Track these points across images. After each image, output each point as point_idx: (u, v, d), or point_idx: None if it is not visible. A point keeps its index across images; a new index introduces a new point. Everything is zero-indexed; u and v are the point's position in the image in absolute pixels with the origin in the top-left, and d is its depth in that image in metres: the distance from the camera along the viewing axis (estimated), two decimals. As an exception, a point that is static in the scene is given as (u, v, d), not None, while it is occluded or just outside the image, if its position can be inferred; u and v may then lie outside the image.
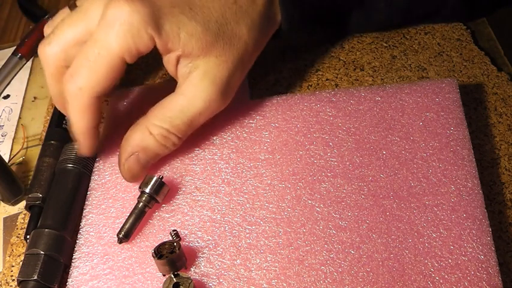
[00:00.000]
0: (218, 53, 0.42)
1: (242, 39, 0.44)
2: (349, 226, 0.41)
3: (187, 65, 0.43)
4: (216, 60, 0.43)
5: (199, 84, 0.42)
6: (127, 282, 0.41)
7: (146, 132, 0.43)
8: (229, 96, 0.45)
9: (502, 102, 0.50)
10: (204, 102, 0.43)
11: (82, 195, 0.47)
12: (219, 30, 0.42)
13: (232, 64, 0.43)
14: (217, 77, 0.43)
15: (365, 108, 0.47)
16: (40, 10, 0.71)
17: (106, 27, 0.40)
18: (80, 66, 0.41)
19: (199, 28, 0.41)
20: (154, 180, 0.43)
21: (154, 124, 0.43)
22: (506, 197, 0.44)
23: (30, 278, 0.42)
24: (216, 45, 0.42)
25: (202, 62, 0.42)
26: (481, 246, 0.39)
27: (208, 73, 0.42)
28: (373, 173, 0.43)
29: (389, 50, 0.55)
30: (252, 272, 0.40)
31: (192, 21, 0.41)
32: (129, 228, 0.42)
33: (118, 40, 0.40)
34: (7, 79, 0.63)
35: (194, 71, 0.42)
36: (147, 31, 0.40)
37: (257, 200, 0.43)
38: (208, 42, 0.42)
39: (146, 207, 0.43)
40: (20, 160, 0.56)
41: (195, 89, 0.43)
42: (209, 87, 0.43)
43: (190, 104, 0.43)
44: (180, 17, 0.41)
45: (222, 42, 0.43)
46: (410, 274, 0.38)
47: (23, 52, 0.64)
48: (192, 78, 0.42)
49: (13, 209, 0.52)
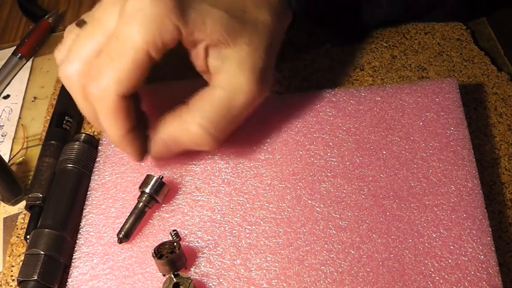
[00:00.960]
0: (247, 41, 0.40)
1: (267, 25, 0.41)
2: (349, 226, 0.41)
3: (218, 55, 0.40)
4: (248, 49, 0.40)
5: (238, 74, 0.40)
6: (127, 282, 0.41)
7: (183, 126, 0.41)
8: (267, 85, 0.42)
9: (502, 102, 0.50)
10: (247, 94, 0.40)
11: (82, 195, 0.47)
12: (243, 17, 0.40)
13: (263, 52, 0.41)
14: (254, 65, 0.40)
15: (365, 108, 0.47)
16: (40, 10, 0.71)
17: (127, 20, 0.37)
18: (101, 66, 0.38)
19: (224, 14, 0.39)
20: (154, 180, 0.43)
21: (193, 119, 0.40)
22: (506, 197, 0.44)
23: (30, 278, 0.42)
24: (244, 33, 0.40)
25: (234, 51, 0.40)
26: (481, 246, 0.39)
27: (244, 62, 0.40)
28: (373, 173, 0.43)
29: (389, 50, 0.55)
30: (252, 272, 0.40)
31: (216, 8, 0.39)
32: (129, 228, 0.42)
33: (142, 32, 0.37)
34: (7, 79, 0.63)
35: (227, 62, 0.40)
36: (172, 20, 0.37)
37: (257, 200, 0.43)
38: (236, 29, 0.40)
39: (146, 207, 0.43)
40: (20, 160, 0.56)
41: (235, 80, 0.40)
42: (249, 77, 0.40)
43: (232, 98, 0.40)
44: (203, 5, 0.39)
45: (250, 29, 0.40)
46: (410, 274, 0.38)
47: (23, 52, 0.64)
48: (228, 68, 0.40)
49: (13, 209, 0.52)
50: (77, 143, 0.49)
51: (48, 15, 0.68)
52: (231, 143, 0.46)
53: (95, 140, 0.50)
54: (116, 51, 0.38)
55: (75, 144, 0.49)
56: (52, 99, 0.60)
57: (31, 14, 0.71)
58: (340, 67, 0.55)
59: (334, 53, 0.56)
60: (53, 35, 0.68)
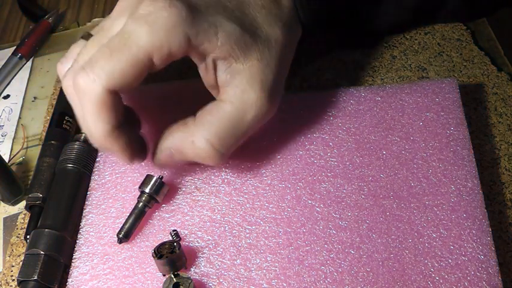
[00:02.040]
0: (259, 56, 0.39)
1: (279, 42, 0.41)
2: (349, 226, 0.41)
3: (227, 69, 0.39)
4: (259, 64, 0.39)
5: (249, 89, 0.39)
6: (127, 282, 0.41)
7: (189, 139, 0.39)
8: (277, 102, 0.41)
9: (502, 102, 0.50)
10: (257, 111, 0.39)
11: (82, 195, 0.47)
12: (255, 33, 0.40)
13: (275, 67, 0.40)
14: (264, 82, 0.39)
15: (365, 108, 0.47)
16: (40, 10, 0.71)
17: (138, 21, 0.36)
18: (97, 56, 0.36)
19: (237, 28, 0.38)
20: (154, 180, 0.43)
21: (199, 133, 0.39)
22: (506, 197, 0.44)
23: (30, 278, 0.42)
24: (255, 48, 0.39)
25: (244, 66, 0.39)
26: (481, 246, 0.39)
27: (255, 78, 0.39)
28: (373, 173, 0.43)
29: (389, 50, 0.55)
30: (252, 272, 0.40)
31: (229, 21, 0.38)
32: (129, 228, 0.42)
33: (150, 34, 0.35)
34: (7, 79, 0.63)
35: (238, 76, 0.39)
36: (183, 29, 0.36)
37: (257, 200, 0.43)
38: (248, 43, 0.39)
39: (146, 207, 0.43)
40: (20, 160, 0.56)
41: (245, 96, 0.39)
42: (260, 93, 0.39)
43: (241, 114, 0.39)
44: (217, 17, 0.38)
45: (261, 44, 0.40)
46: (410, 274, 0.38)
47: (23, 52, 0.64)
48: (238, 83, 0.39)
49: (13, 209, 0.52)
50: (77, 143, 0.49)
51: (48, 15, 0.68)
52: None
53: (95, 140, 0.50)
54: (116, 45, 0.36)
55: (75, 144, 0.49)
56: (52, 99, 0.60)
57: (31, 14, 0.71)
58: (340, 67, 0.55)
59: (334, 53, 0.56)
60: (53, 35, 0.68)
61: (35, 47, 0.66)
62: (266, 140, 0.46)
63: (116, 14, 0.39)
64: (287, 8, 0.43)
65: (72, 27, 0.69)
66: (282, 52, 0.41)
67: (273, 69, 0.40)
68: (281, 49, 0.41)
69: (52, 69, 0.64)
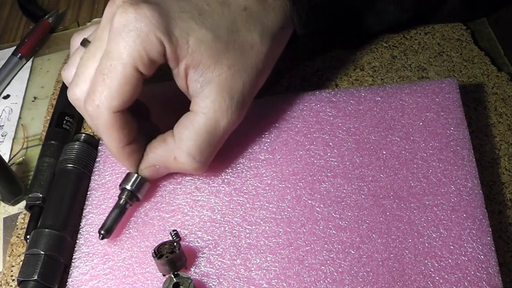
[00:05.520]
0: (230, 63, 0.40)
1: (255, 48, 0.41)
2: (349, 226, 0.41)
3: (198, 79, 0.40)
4: (229, 71, 0.40)
5: (219, 100, 0.40)
6: (127, 282, 0.41)
7: (171, 155, 0.41)
8: (245, 108, 0.43)
9: (502, 102, 0.50)
10: (228, 120, 0.41)
11: (82, 195, 0.47)
12: (229, 38, 0.40)
13: (246, 74, 0.41)
14: (233, 90, 0.41)
15: (365, 108, 0.47)
16: (40, 10, 0.71)
17: (114, 36, 0.38)
18: (95, 83, 0.39)
19: (209, 35, 0.39)
20: (135, 178, 0.43)
21: (180, 149, 0.41)
22: (506, 197, 0.44)
23: (30, 278, 0.42)
24: (227, 54, 0.40)
25: (215, 75, 0.40)
26: (481, 246, 0.39)
27: (224, 86, 0.40)
28: (373, 173, 0.43)
29: (389, 50, 0.55)
30: (252, 272, 0.40)
31: (202, 27, 0.39)
32: (111, 225, 0.42)
33: (128, 48, 0.38)
34: (7, 79, 0.63)
35: (208, 86, 0.40)
36: (157, 35, 0.38)
37: (257, 200, 0.43)
38: (219, 50, 0.40)
39: (127, 204, 0.43)
40: (20, 160, 0.56)
41: (215, 106, 0.40)
42: (229, 102, 0.40)
43: (215, 123, 0.40)
44: (190, 23, 0.39)
45: (234, 51, 0.40)
46: (410, 274, 0.38)
47: (23, 52, 0.64)
48: (209, 94, 0.40)
49: (13, 209, 0.52)
50: (77, 143, 0.49)
51: (48, 15, 0.68)
52: (231, 143, 0.46)
53: (95, 140, 0.50)
54: (106, 68, 0.38)
55: (75, 144, 0.49)
56: (52, 99, 0.60)
57: (31, 14, 0.71)
58: (340, 67, 0.55)
59: (334, 52, 0.56)
60: (53, 35, 0.68)
61: (35, 47, 0.66)
62: (266, 140, 0.46)
63: (104, 22, 0.41)
64: (274, 8, 0.43)
65: (72, 27, 0.69)
66: (256, 58, 0.42)
67: (244, 76, 0.41)
68: (256, 55, 0.42)
69: (52, 69, 0.64)
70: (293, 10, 0.44)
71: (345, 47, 0.56)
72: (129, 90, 0.39)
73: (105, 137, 0.41)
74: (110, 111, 0.39)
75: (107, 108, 0.39)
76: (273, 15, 0.43)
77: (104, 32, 0.40)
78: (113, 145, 0.41)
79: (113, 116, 0.39)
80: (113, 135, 0.40)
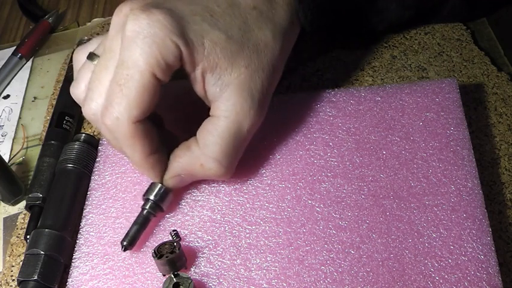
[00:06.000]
0: (246, 63, 0.40)
1: (269, 45, 0.41)
2: (349, 226, 0.41)
3: (217, 82, 0.39)
4: (246, 72, 0.40)
5: (241, 101, 0.39)
6: (127, 282, 0.41)
7: (197, 163, 0.41)
8: (266, 107, 0.42)
9: (502, 102, 0.50)
10: (251, 120, 0.40)
11: (82, 195, 0.47)
12: (243, 38, 0.40)
13: (263, 72, 0.41)
14: (253, 90, 0.40)
15: (365, 108, 0.47)
16: (40, 10, 0.71)
17: (128, 45, 0.37)
18: (112, 95, 0.38)
19: (222, 36, 0.39)
20: (159, 188, 0.42)
21: (206, 156, 0.40)
22: (506, 197, 0.44)
23: (30, 278, 0.42)
24: (243, 55, 0.39)
25: (233, 77, 0.39)
26: (481, 246, 0.39)
27: (243, 88, 0.39)
28: (373, 173, 0.43)
29: (389, 50, 0.55)
30: (252, 272, 0.40)
31: (215, 29, 0.39)
32: (134, 236, 0.41)
33: (144, 55, 0.36)
34: (7, 79, 0.63)
35: (227, 89, 0.39)
36: (172, 40, 0.37)
37: (257, 200, 0.43)
38: (234, 51, 0.39)
39: (151, 215, 0.42)
40: (20, 160, 0.56)
41: (237, 108, 0.39)
42: (251, 103, 0.40)
43: (238, 125, 0.40)
44: (203, 25, 0.38)
45: (248, 50, 0.40)
46: (410, 274, 0.38)
47: (23, 52, 0.64)
48: (229, 96, 0.39)
49: (13, 209, 0.52)
50: (77, 143, 0.49)
51: (48, 15, 0.68)
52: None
53: (95, 140, 0.50)
54: (123, 78, 0.37)
55: (75, 144, 0.49)
56: (52, 99, 0.60)
57: (31, 14, 0.71)
58: (340, 67, 0.55)
59: (334, 53, 0.56)
60: (53, 35, 0.68)
61: (35, 47, 0.66)
62: (266, 140, 0.46)
63: (113, 32, 0.40)
64: (282, 6, 0.43)
65: (72, 27, 0.69)
66: (272, 55, 0.41)
67: (261, 75, 0.41)
68: (271, 52, 0.41)
69: (52, 69, 0.64)
70: (299, 8, 0.44)
71: (345, 47, 0.56)
72: (148, 98, 0.38)
73: (128, 149, 0.39)
74: (130, 122, 0.38)
75: (126, 119, 0.38)
76: (282, 12, 0.43)
77: (114, 42, 0.39)
78: (136, 156, 0.40)
79: (134, 127, 0.38)
80: (136, 147, 0.39)
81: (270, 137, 0.46)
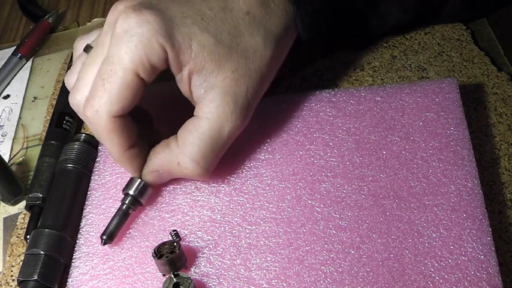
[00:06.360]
0: (233, 68, 0.40)
1: (258, 52, 0.41)
2: (349, 226, 0.41)
3: (202, 84, 0.40)
4: (232, 76, 0.40)
5: (223, 105, 0.40)
6: (127, 282, 0.41)
7: (175, 161, 0.41)
8: (250, 113, 0.42)
9: (502, 102, 0.50)
10: (232, 125, 0.40)
11: (82, 195, 0.47)
12: (232, 43, 0.40)
13: (250, 78, 0.41)
14: (237, 94, 0.40)
15: (365, 108, 0.47)
16: (40, 10, 0.71)
17: (116, 41, 0.38)
18: (95, 88, 0.39)
19: (211, 39, 0.39)
20: (138, 183, 0.42)
21: (183, 155, 0.41)
22: (506, 197, 0.44)
23: (30, 278, 0.42)
24: (230, 59, 0.40)
25: (218, 79, 0.40)
26: (481, 246, 0.39)
27: (228, 91, 0.40)
28: (373, 173, 0.43)
29: (389, 50, 0.55)
30: (252, 272, 0.40)
31: (205, 32, 0.39)
32: (113, 230, 0.42)
33: (129, 53, 0.37)
34: (7, 79, 0.63)
35: (212, 91, 0.40)
36: (159, 41, 0.37)
37: (257, 200, 0.43)
38: (222, 55, 0.39)
39: (130, 209, 0.43)
40: (20, 160, 0.56)
41: (219, 111, 0.40)
42: (233, 107, 0.40)
43: (218, 129, 0.40)
44: (192, 28, 0.39)
45: (237, 55, 0.40)
46: (410, 274, 0.38)
47: (23, 52, 0.64)
48: (213, 98, 0.40)
49: (13, 209, 0.52)
50: (77, 143, 0.49)
51: (48, 15, 0.68)
52: (232, 143, 0.46)
53: (94, 140, 0.50)
54: (106, 73, 0.38)
55: (75, 144, 0.49)
56: (52, 99, 0.60)
57: (31, 14, 0.71)
58: (340, 67, 0.55)
59: (334, 53, 0.56)
60: (53, 35, 0.68)
61: (35, 47, 0.66)
62: (266, 140, 0.46)
63: (106, 28, 0.41)
64: (277, 12, 0.43)
65: (72, 27, 0.69)
66: (260, 62, 0.41)
67: (247, 80, 0.41)
68: (260, 59, 0.41)
69: (52, 69, 0.64)
70: (296, 15, 0.44)
71: (345, 47, 0.56)
72: (129, 95, 0.38)
73: (106, 142, 0.41)
74: (109, 116, 0.39)
75: (106, 113, 0.38)
76: (276, 19, 0.43)
77: (106, 37, 0.40)
78: (113, 149, 0.41)
79: (112, 121, 0.39)
80: (113, 140, 0.40)
81: (270, 137, 0.46)
